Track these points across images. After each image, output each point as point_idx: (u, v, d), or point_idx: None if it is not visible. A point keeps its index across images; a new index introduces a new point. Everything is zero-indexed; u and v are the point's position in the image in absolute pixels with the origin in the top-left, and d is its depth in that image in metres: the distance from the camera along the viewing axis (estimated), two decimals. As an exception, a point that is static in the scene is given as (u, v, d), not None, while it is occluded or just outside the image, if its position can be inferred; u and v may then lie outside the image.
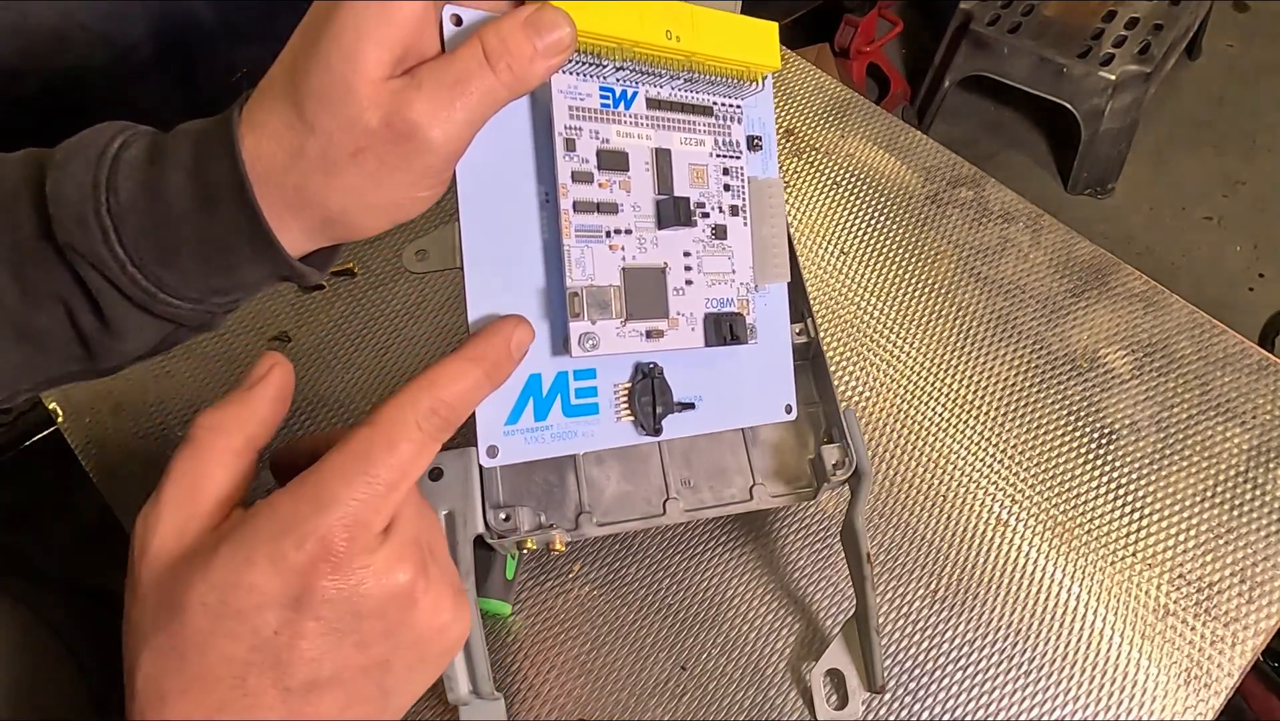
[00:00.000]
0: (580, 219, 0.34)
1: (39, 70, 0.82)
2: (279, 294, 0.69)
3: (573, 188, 0.34)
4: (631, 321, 0.34)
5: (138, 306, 0.30)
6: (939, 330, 0.65)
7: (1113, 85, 1.52)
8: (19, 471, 1.07)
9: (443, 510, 0.42)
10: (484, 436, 0.34)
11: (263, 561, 0.25)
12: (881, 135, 0.76)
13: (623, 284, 0.34)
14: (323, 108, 0.28)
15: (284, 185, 0.29)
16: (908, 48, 1.92)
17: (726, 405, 0.39)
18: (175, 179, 0.29)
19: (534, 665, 0.53)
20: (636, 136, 0.35)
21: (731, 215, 0.37)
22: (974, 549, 0.56)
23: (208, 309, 0.32)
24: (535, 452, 0.35)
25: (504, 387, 0.32)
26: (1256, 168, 1.72)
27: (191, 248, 0.30)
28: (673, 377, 0.37)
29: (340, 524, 0.26)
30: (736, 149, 0.37)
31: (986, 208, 0.71)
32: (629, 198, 0.35)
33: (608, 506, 0.46)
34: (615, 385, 0.36)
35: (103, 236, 0.29)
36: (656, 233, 0.35)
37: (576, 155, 0.34)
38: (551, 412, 0.35)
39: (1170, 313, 0.65)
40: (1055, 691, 0.51)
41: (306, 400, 0.64)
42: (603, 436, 0.36)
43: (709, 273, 0.36)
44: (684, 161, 0.36)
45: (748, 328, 0.37)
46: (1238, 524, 0.56)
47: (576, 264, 0.33)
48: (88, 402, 0.64)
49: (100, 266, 0.29)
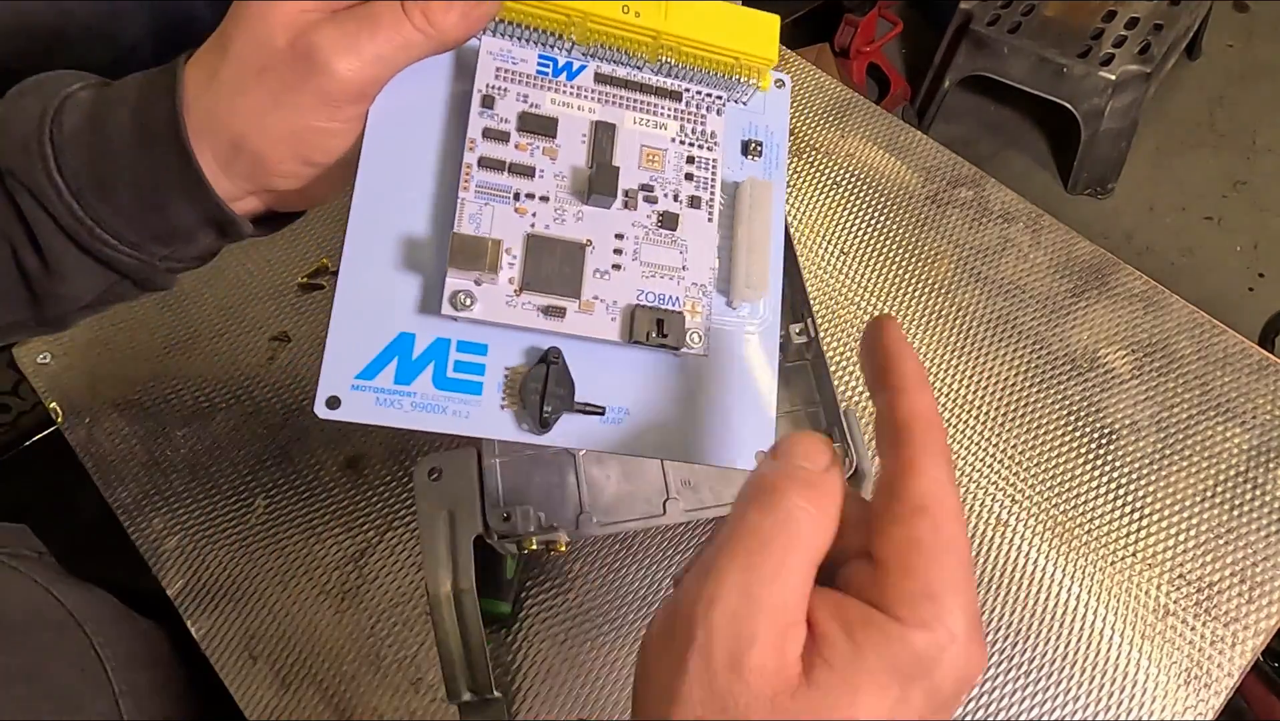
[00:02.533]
0: (485, 175, 0.31)
1: (39, 70, 0.82)
2: (279, 294, 0.69)
3: (482, 144, 0.31)
4: (528, 292, 0.31)
5: (76, 244, 0.31)
6: (939, 330, 0.65)
7: (1113, 85, 1.52)
8: (19, 471, 1.07)
9: (443, 510, 0.42)
10: (327, 385, 0.30)
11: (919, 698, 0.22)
12: (881, 135, 0.76)
13: (524, 249, 0.31)
14: (240, 30, 0.29)
15: (198, 110, 0.30)
16: (908, 48, 1.92)
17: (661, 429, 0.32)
18: (119, 115, 0.30)
19: (534, 665, 0.53)
20: (575, 107, 0.33)
21: (690, 206, 0.33)
22: (974, 549, 0.56)
23: (146, 258, 0.32)
24: (385, 417, 0.30)
25: (364, 338, 0.30)
26: (1256, 168, 1.72)
27: (128, 183, 0.30)
28: (581, 374, 0.32)
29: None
30: (709, 140, 0.34)
31: (986, 208, 0.71)
32: (553, 165, 0.32)
33: (608, 506, 0.46)
34: (507, 368, 0.31)
35: (42, 164, 0.29)
36: (581, 207, 0.32)
37: (494, 114, 0.32)
38: (419, 380, 0.31)
39: (1170, 313, 0.65)
40: (1055, 691, 0.51)
41: (305, 400, 0.64)
42: (477, 421, 0.31)
43: (648, 263, 0.32)
44: (634, 141, 0.33)
45: (688, 331, 0.32)
46: (1238, 524, 0.56)
47: (470, 219, 0.31)
48: (88, 403, 0.64)
49: (38, 194, 0.30)
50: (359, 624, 0.55)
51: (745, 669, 0.21)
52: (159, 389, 0.65)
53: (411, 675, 0.53)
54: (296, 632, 0.55)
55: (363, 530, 0.58)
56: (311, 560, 0.57)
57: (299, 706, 0.52)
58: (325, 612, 0.55)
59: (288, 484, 0.60)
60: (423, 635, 0.54)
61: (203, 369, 0.66)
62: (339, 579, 0.57)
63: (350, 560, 0.57)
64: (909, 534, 0.22)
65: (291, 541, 0.58)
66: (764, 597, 0.21)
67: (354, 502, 0.59)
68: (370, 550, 0.58)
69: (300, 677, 0.53)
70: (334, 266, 0.69)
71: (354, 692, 0.53)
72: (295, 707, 0.52)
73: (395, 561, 0.57)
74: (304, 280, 0.69)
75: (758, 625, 0.21)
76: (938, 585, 0.22)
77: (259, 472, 0.61)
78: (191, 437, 0.62)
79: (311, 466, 0.61)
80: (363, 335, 0.30)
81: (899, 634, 0.21)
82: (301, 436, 0.62)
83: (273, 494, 0.60)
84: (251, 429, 0.63)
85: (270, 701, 0.53)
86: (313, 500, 0.59)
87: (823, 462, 0.23)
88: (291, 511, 0.59)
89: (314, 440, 0.62)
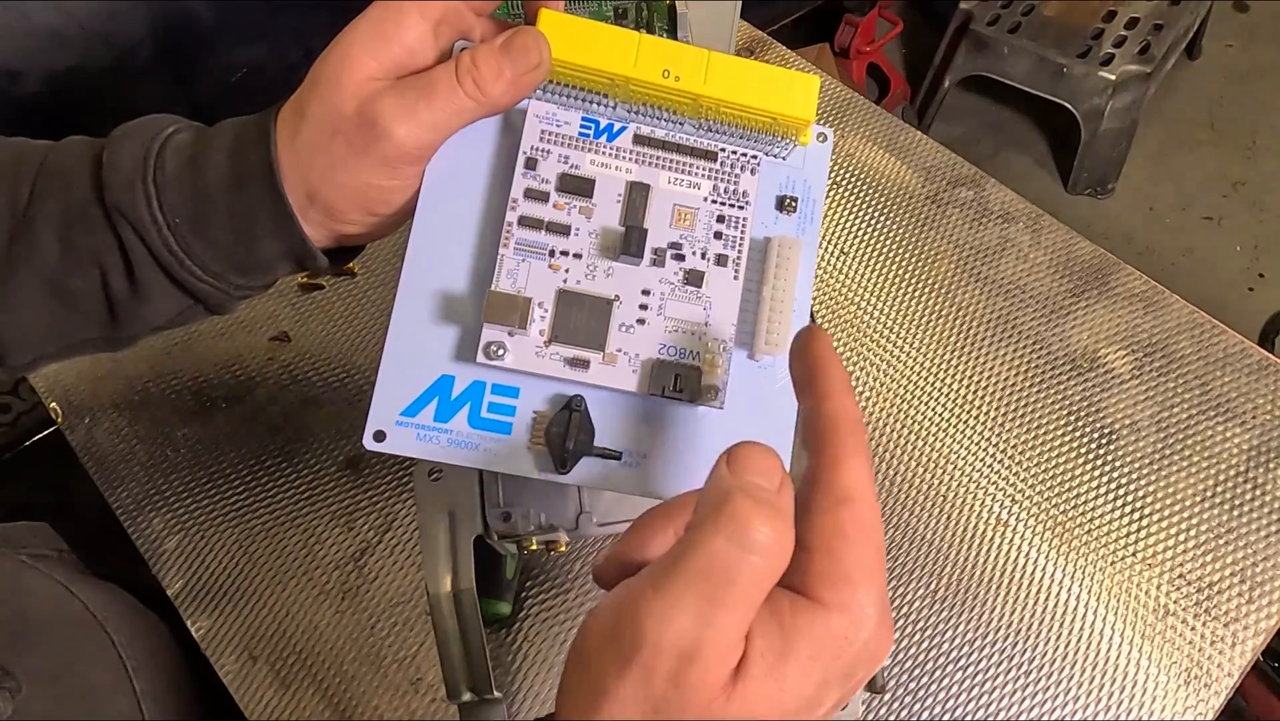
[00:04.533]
0: (524, 233, 0.33)
1: (39, 70, 0.83)
2: (279, 294, 0.69)
3: (523, 203, 0.34)
4: (556, 344, 0.33)
5: (164, 271, 0.34)
6: (939, 330, 0.65)
7: (1113, 85, 1.52)
8: (19, 471, 1.07)
9: (443, 510, 0.43)
10: (374, 419, 0.33)
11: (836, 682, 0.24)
12: (881, 135, 0.76)
13: (554, 303, 0.33)
14: (315, 96, 0.33)
15: (282, 163, 0.33)
16: (908, 48, 1.92)
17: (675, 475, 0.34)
18: (216, 159, 0.34)
19: (534, 665, 0.53)
20: (613, 168, 0.35)
21: (716, 264, 0.35)
22: (974, 549, 0.56)
23: (224, 286, 0.36)
24: (424, 452, 0.33)
25: (410, 379, 0.33)
26: (1256, 168, 1.72)
27: (221, 220, 0.34)
28: (603, 421, 0.34)
29: None
30: (741, 199, 0.35)
31: (986, 208, 0.71)
32: (588, 223, 0.34)
33: (608, 506, 0.45)
34: (535, 411, 0.34)
35: (146, 201, 0.33)
36: (612, 264, 0.34)
37: (536, 175, 0.34)
38: (455, 419, 0.34)
39: (1170, 313, 0.65)
40: (1055, 691, 0.51)
41: (305, 400, 0.64)
42: (506, 459, 0.34)
43: (672, 317, 0.34)
44: (668, 200, 0.35)
45: (705, 388, 0.33)
46: (1238, 524, 0.56)
47: (508, 274, 0.33)
48: (88, 403, 0.64)
49: (139, 227, 0.33)
50: (359, 624, 0.55)
51: (685, 683, 0.22)
52: (159, 389, 0.65)
53: (411, 675, 0.53)
54: (296, 632, 0.55)
55: (363, 530, 0.58)
56: (311, 560, 0.57)
57: (299, 706, 0.53)
58: (325, 612, 0.55)
59: (288, 484, 0.60)
60: (423, 635, 0.54)
61: (203, 369, 0.66)
62: (339, 579, 0.57)
63: (350, 560, 0.57)
64: (834, 522, 0.24)
65: (291, 541, 0.58)
66: (718, 624, 0.22)
67: (354, 502, 0.59)
68: (370, 550, 0.58)
69: (300, 677, 0.53)
70: (334, 266, 0.69)
71: (354, 692, 0.53)
72: (295, 707, 0.52)
73: (395, 561, 0.57)
74: (304, 280, 0.69)
75: (705, 647, 0.22)
76: (856, 570, 0.24)
77: (259, 472, 0.61)
78: (192, 437, 0.62)
79: (311, 466, 0.61)
80: (408, 377, 0.33)
81: (821, 618, 0.23)
82: (301, 436, 0.62)
83: (273, 494, 0.60)
84: (251, 429, 0.63)
85: (270, 701, 0.53)
86: (313, 500, 0.59)
87: (777, 480, 0.24)
88: (291, 511, 0.59)
89: (314, 440, 0.62)
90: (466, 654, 0.44)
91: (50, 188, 0.35)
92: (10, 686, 0.41)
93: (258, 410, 0.63)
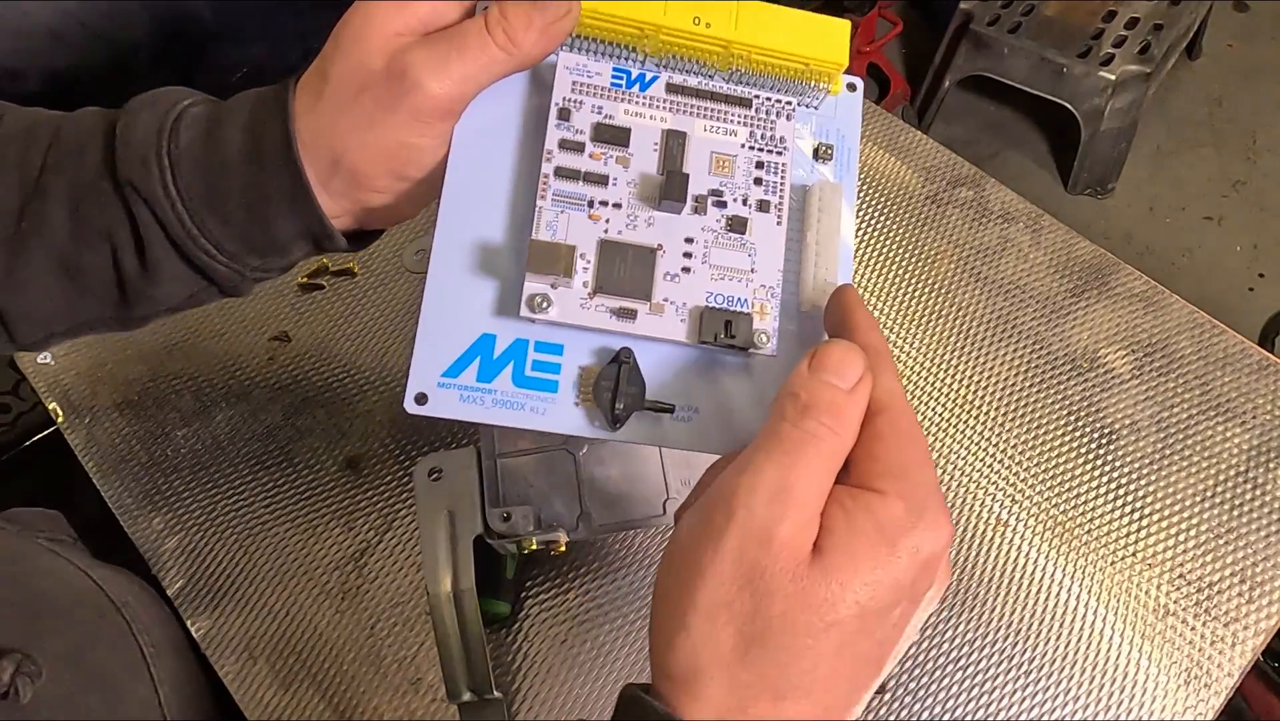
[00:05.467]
0: (561, 184, 0.33)
1: (39, 70, 0.83)
2: (279, 294, 0.69)
3: (559, 154, 0.33)
4: (601, 295, 0.32)
5: (177, 249, 0.33)
6: (939, 330, 0.65)
7: (1113, 85, 1.52)
8: (19, 471, 1.07)
9: (443, 510, 0.43)
10: (415, 381, 0.32)
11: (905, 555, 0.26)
12: (881, 135, 0.76)
13: (597, 254, 0.32)
14: (339, 54, 0.32)
15: (303, 130, 0.32)
16: (908, 48, 1.92)
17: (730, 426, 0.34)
18: (231, 134, 0.33)
19: (534, 665, 0.53)
20: (648, 117, 0.34)
21: (759, 210, 0.34)
22: (974, 549, 0.56)
23: (239, 267, 0.35)
24: (468, 414, 0.32)
25: (449, 338, 0.32)
26: (1256, 168, 1.72)
27: (237, 196, 0.33)
28: (652, 373, 0.33)
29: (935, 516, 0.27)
30: (778, 145, 0.35)
31: (986, 208, 0.71)
32: (625, 173, 0.34)
33: (607, 506, 0.46)
34: (581, 367, 0.33)
35: (160, 175, 0.32)
36: (653, 213, 0.33)
37: (570, 126, 0.33)
38: (499, 378, 0.33)
39: (1170, 313, 0.65)
40: (1055, 691, 0.51)
41: (305, 400, 0.64)
42: (553, 417, 0.33)
43: (717, 265, 0.33)
44: (705, 148, 0.34)
45: (756, 332, 0.33)
46: (1238, 524, 0.56)
47: (547, 226, 0.32)
48: (88, 403, 0.64)
49: (152, 203, 0.32)
50: (359, 624, 0.55)
51: (775, 542, 0.25)
52: (159, 389, 0.65)
53: (411, 675, 0.53)
54: (296, 632, 0.55)
55: (363, 530, 0.58)
56: (311, 560, 0.57)
57: (299, 706, 0.53)
58: (325, 612, 0.55)
59: (288, 484, 0.60)
60: (423, 635, 0.54)
61: (203, 369, 0.66)
62: (339, 579, 0.57)
63: (350, 560, 0.57)
64: (871, 430, 0.28)
65: (291, 541, 0.58)
66: (796, 487, 0.26)
67: (354, 502, 0.59)
68: (370, 550, 0.58)
69: (300, 677, 0.53)
70: (334, 266, 0.69)
71: (354, 692, 0.53)
72: (295, 707, 0.52)
73: (395, 561, 0.57)
74: (304, 280, 0.69)
75: (789, 507, 0.26)
76: (900, 464, 0.27)
77: (259, 472, 0.61)
78: (191, 437, 0.62)
79: (311, 466, 0.61)
80: (448, 335, 0.33)
81: (881, 502, 0.26)
82: (301, 436, 0.62)
83: (273, 494, 0.60)
84: (251, 429, 0.63)
85: (270, 701, 0.53)
86: (313, 500, 0.59)
87: (852, 378, 0.27)
88: (291, 511, 0.59)
89: (314, 440, 0.62)
90: (466, 654, 0.44)
91: (62, 160, 0.34)
92: (31, 671, 0.41)
93: (258, 410, 0.63)
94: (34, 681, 0.41)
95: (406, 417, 0.62)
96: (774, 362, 0.34)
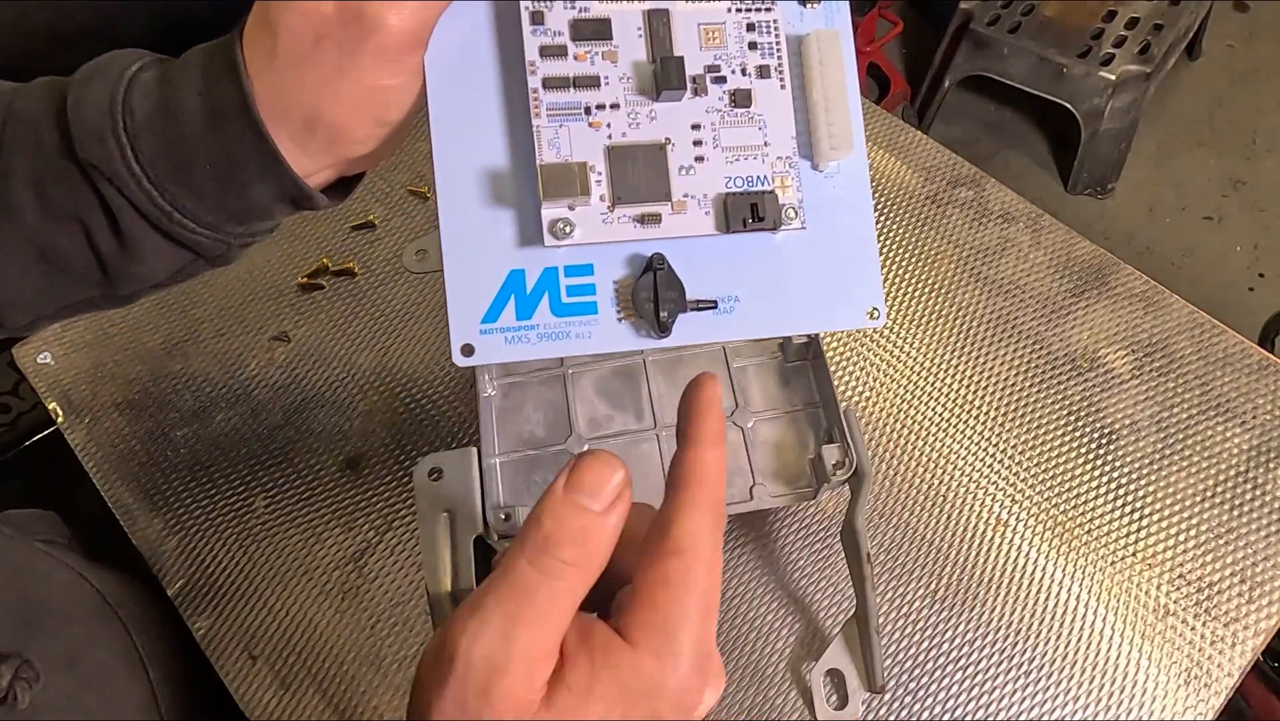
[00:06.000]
0: (553, 96, 0.31)
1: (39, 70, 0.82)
2: (279, 294, 0.69)
3: (542, 64, 0.31)
4: (621, 206, 0.31)
5: (154, 227, 0.32)
6: (939, 330, 0.65)
7: (1113, 85, 1.52)
8: (19, 471, 1.07)
9: (443, 510, 0.42)
10: (458, 334, 0.31)
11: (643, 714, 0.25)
12: (881, 135, 0.76)
13: (607, 164, 0.31)
14: (283, 5, 0.29)
15: (265, 87, 0.30)
16: (908, 48, 1.92)
17: (774, 307, 0.33)
18: (188, 99, 0.30)
19: (534, 665, 0.53)
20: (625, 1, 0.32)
21: (760, 78, 0.32)
22: (974, 549, 0.56)
23: (223, 238, 0.33)
24: (519, 353, 0.31)
25: (479, 283, 0.31)
26: (1256, 168, 1.72)
27: (204, 166, 0.31)
28: (687, 272, 0.32)
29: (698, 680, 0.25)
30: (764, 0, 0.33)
31: (986, 208, 0.71)
32: (615, 69, 0.32)
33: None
34: (615, 281, 0.32)
35: (120, 153, 0.30)
36: (653, 105, 0.32)
37: (546, 29, 0.31)
38: (538, 311, 0.31)
39: (1170, 313, 0.65)
40: (1055, 691, 0.51)
41: (305, 400, 0.64)
42: (600, 338, 0.32)
43: (729, 147, 0.32)
44: (690, 22, 0.32)
45: (783, 209, 0.32)
46: (1238, 524, 0.56)
47: (549, 145, 0.31)
48: (88, 403, 0.64)
49: (118, 183, 0.30)
50: (359, 624, 0.55)
51: (494, 697, 0.23)
52: (159, 389, 0.65)
53: (411, 675, 0.53)
54: (296, 632, 0.55)
55: (363, 530, 0.58)
56: (311, 560, 0.57)
57: (299, 706, 0.53)
58: (325, 612, 0.55)
59: (288, 484, 0.60)
60: (423, 635, 0.54)
61: (203, 369, 0.66)
62: (339, 579, 0.57)
63: (350, 560, 0.57)
64: (661, 571, 0.25)
65: (291, 541, 0.58)
66: (520, 639, 0.24)
67: (354, 502, 0.59)
68: (370, 550, 0.58)
69: (300, 677, 0.53)
70: (333, 266, 0.69)
71: (354, 692, 0.53)
72: (295, 707, 0.52)
73: (395, 561, 0.57)
74: (304, 280, 0.69)
75: (510, 662, 0.23)
76: (674, 620, 0.25)
77: (259, 472, 0.61)
78: (191, 437, 0.62)
79: (311, 466, 0.61)
80: (476, 280, 0.31)
81: (630, 659, 0.24)
82: (301, 436, 0.62)
83: (273, 494, 0.60)
84: (251, 429, 0.63)
85: (270, 701, 0.53)
86: (313, 500, 0.59)
87: (607, 498, 0.25)
88: (291, 511, 0.59)
89: (314, 440, 0.62)
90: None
91: (19, 139, 0.31)
92: (29, 676, 0.40)
93: (258, 410, 0.63)
94: (32, 686, 0.40)
95: (406, 418, 0.62)
96: (803, 236, 0.33)
